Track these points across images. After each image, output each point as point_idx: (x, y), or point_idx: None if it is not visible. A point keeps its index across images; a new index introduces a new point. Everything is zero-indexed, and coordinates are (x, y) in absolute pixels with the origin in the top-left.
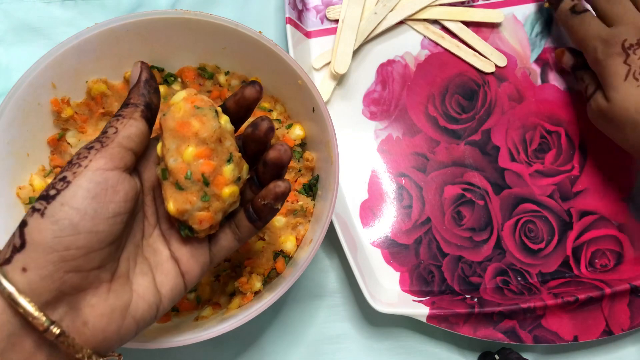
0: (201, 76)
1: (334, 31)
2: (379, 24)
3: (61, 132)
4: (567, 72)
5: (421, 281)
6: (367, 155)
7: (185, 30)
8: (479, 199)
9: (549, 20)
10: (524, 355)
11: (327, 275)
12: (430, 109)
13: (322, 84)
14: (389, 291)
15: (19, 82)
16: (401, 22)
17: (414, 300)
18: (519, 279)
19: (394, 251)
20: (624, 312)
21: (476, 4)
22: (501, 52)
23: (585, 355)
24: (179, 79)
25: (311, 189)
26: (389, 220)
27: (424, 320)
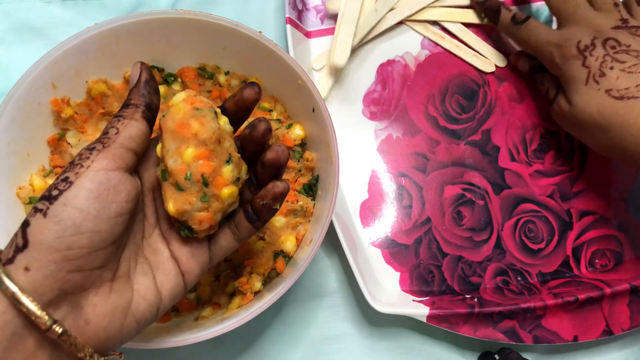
0: (201, 76)
1: (333, 31)
2: (378, 23)
3: (61, 132)
4: None
5: (421, 281)
6: (367, 155)
7: (185, 30)
8: (479, 199)
9: (549, 20)
10: (524, 355)
11: (327, 275)
12: (430, 109)
13: (321, 81)
14: (389, 291)
15: (19, 82)
16: (401, 22)
17: (414, 300)
18: (519, 279)
19: (394, 251)
20: (624, 312)
21: None
22: (501, 53)
23: (585, 355)
24: (179, 79)
25: (311, 189)
26: (389, 220)
27: (424, 320)
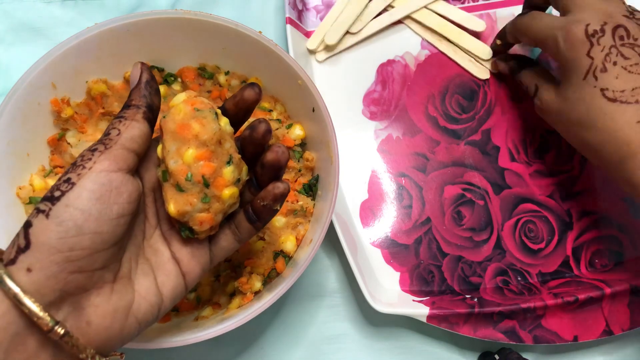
0: (201, 76)
1: None
2: (376, 18)
3: (61, 132)
4: None
5: (421, 281)
6: (367, 155)
7: (185, 30)
8: (479, 199)
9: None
10: (524, 355)
11: (327, 275)
12: (430, 109)
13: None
14: (389, 291)
15: (19, 82)
16: (401, 23)
17: (414, 300)
18: (519, 279)
19: (394, 251)
20: (624, 312)
21: (477, 4)
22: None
23: (585, 355)
24: (179, 79)
25: (311, 189)
26: (389, 220)
27: (424, 320)
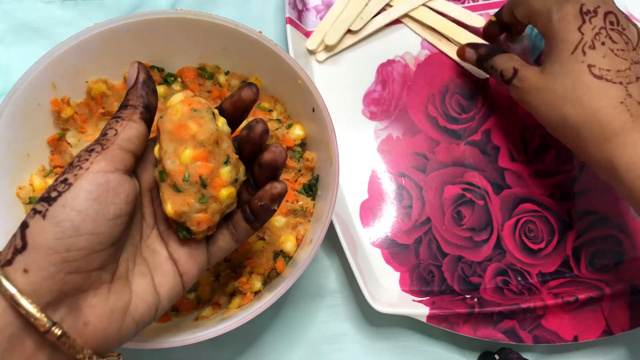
0: (201, 76)
1: None
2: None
3: (61, 132)
4: None
5: (421, 281)
6: (367, 155)
7: (185, 30)
8: (479, 199)
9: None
10: (524, 355)
11: (327, 275)
12: (430, 109)
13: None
14: (389, 291)
15: (19, 82)
16: (400, 22)
17: (414, 300)
18: (519, 279)
19: (394, 251)
20: (624, 312)
21: (476, 4)
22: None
23: (585, 355)
24: (179, 79)
25: (311, 189)
26: (389, 220)
27: (424, 320)
